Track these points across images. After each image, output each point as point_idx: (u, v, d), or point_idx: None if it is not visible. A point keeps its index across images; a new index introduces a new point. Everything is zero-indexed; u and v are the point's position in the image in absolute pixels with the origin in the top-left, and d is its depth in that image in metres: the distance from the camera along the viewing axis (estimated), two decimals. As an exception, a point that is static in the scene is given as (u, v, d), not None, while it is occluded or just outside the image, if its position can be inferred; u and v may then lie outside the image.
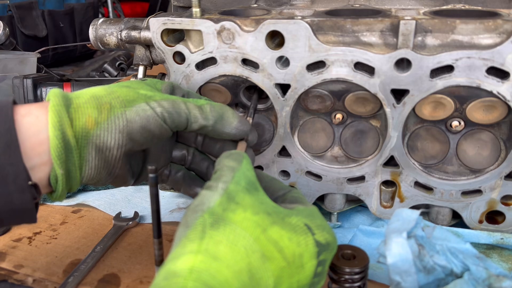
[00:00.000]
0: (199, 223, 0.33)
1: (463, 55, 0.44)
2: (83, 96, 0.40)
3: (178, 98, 0.43)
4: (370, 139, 0.53)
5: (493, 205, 0.51)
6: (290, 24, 0.47)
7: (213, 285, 0.29)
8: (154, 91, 0.43)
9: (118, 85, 0.43)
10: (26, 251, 0.54)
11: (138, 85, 0.44)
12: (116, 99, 0.40)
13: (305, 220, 0.37)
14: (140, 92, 0.42)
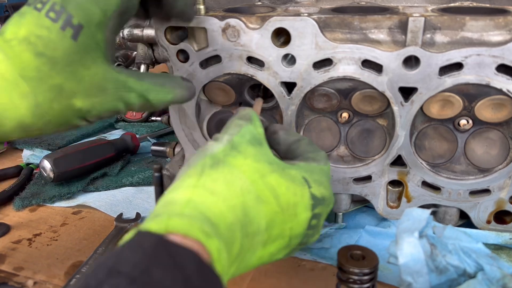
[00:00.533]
0: (199, 164, 0.34)
1: (472, 52, 0.43)
2: (9, 124, 0.36)
3: (121, 99, 0.39)
4: (376, 138, 0.52)
5: (501, 205, 0.50)
6: (297, 21, 0.46)
7: (209, 215, 0.30)
8: (98, 83, 0.38)
9: (49, 97, 0.36)
10: (26, 253, 0.53)
11: (76, 82, 0.37)
12: (47, 124, 0.37)
13: (304, 173, 0.38)
14: (76, 106, 0.37)
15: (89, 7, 0.36)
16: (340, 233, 0.56)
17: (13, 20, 0.36)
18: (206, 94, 0.56)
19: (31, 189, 0.67)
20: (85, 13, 0.35)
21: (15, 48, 0.35)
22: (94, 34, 0.36)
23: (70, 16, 0.35)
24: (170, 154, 0.64)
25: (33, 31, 0.35)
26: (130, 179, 0.69)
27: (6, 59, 0.35)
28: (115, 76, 0.38)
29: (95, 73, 0.37)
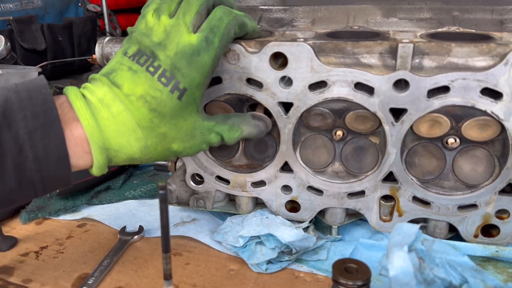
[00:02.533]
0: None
1: (458, 76, 0.46)
2: (121, 157, 0.46)
3: (204, 142, 0.50)
4: (369, 155, 0.55)
5: (488, 219, 0.53)
6: (293, 46, 0.49)
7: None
8: (190, 131, 0.48)
9: (156, 142, 0.46)
10: (33, 266, 0.55)
11: (176, 131, 0.47)
12: (149, 160, 0.47)
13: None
14: (173, 149, 0.47)
15: (193, 75, 0.45)
16: (336, 245, 0.58)
17: (127, 76, 0.45)
18: (207, 113, 0.58)
19: (37, 202, 0.69)
20: (189, 80, 0.45)
21: (134, 103, 0.44)
22: (194, 94, 0.46)
23: (178, 82, 0.44)
24: (171, 168, 0.67)
25: (148, 91, 0.44)
26: (132, 192, 0.71)
27: (127, 111, 0.44)
28: (202, 124, 0.48)
29: (190, 123, 0.47)
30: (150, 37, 0.45)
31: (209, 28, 0.45)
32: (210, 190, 0.62)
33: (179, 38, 0.44)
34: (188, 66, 0.44)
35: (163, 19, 0.46)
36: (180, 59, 0.44)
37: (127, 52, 0.46)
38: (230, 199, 0.64)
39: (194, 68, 0.45)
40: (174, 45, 0.44)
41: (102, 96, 0.44)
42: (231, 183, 0.60)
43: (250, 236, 0.55)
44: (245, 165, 0.60)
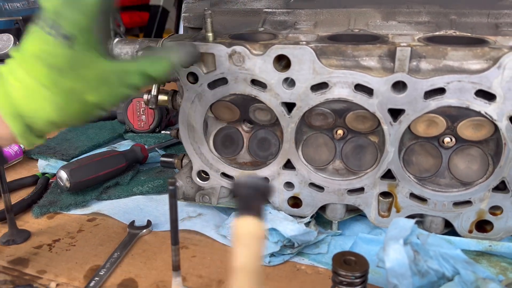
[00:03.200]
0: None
1: (454, 79, 0.48)
2: (40, 122, 0.44)
3: (124, 85, 0.46)
4: (369, 153, 0.57)
5: (482, 215, 0.55)
6: (296, 49, 0.52)
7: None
8: (101, 77, 0.45)
9: (66, 98, 0.44)
10: (47, 258, 0.58)
11: (83, 82, 0.44)
12: (70, 119, 0.45)
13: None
14: (89, 101, 0.44)
15: (76, 17, 0.42)
16: (336, 239, 0.61)
17: (26, 38, 0.44)
18: (213, 112, 0.61)
19: (48, 197, 0.71)
20: (73, 24, 0.42)
21: (29, 63, 0.43)
22: (87, 39, 0.43)
23: (63, 29, 0.42)
24: (178, 165, 0.69)
25: (39, 46, 0.43)
26: (140, 188, 0.74)
27: (25, 72, 0.43)
28: (113, 67, 0.45)
29: (96, 69, 0.44)
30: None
31: None
32: (216, 186, 0.64)
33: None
34: (70, 10, 0.42)
35: None
36: (63, 5, 0.42)
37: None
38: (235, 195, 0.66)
39: (76, 10, 0.42)
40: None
41: (11, 64, 0.43)
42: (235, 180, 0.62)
43: (254, 230, 0.58)
44: (249, 163, 0.62)
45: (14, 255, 0.58)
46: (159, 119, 0.95)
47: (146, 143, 0.91)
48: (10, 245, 0.61)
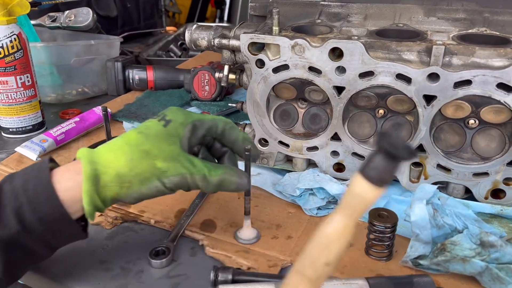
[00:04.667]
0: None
1: (479, 73, 0.59)
2: (110, 173, 0.50)
3: (188, 170, 0.52)
4: (405, 130, 0.69)
5: (497, 185, 0.67)
6: (349, 43, 0.63)
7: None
8: (174, 155, 0.53)
9: (140, 156, 0.51)
10: (144, 202, 0.74)
11: (159, 151, 0.52)
12: (136, 176, 0.51)
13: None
14: (157, 165, 0.51)
15: (178, 114, 0.56)
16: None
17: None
18: (274, 91, 0.74)
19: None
20: (175, 116, 0.56)
21: (128, 132, 0.54)
22: (177, 128, 0.55)
23: (165, 115, 0.56)
24: (242, 132, 0.83)
25: (143, 124, 0.56)
26: (208, 149, 0.89)
27: (121, 138, 0.53)
28: (187, 155, 0.54)
29: (172, 149, 0.53)
30: None
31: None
32: (273, 152, 0.78)
33: None
34: (179, 111, 0.57)
35: None
36: (175, 109, 0.57)
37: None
38: (288, 159, 0.81)
39: (184, 113, 0.57)
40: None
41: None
42: (290, 147, 0.76)
43: (304, 188, 0.72)
44: (302, 134, 0.76)
45: (117, 198, 0.76)
46: (219, 90, 1.10)
47: (210, 110, 1.05)
48: (113, 190, 0.78)
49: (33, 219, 0.48)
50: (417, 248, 0.57)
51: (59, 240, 0.53)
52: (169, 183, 0.52)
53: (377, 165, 0.25)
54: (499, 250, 0.52)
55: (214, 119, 0.59)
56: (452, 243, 0.54)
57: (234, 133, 0.60)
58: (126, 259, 0.61)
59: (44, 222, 0.48)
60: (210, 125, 0.58)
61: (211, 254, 0.62)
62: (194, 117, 0.58)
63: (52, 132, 0.90)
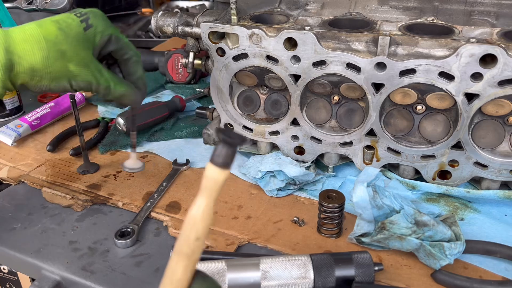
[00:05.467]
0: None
1: (422, 62, 0.62)
2: (24, 65, 0.52)
3: (94, 76, 0.57)
4: (357, 115, 0.73)
5: (443, 166, 0.71)
6: (302, 33, 0.66)
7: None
8: (86, 61, 0.57)
9: (55, 56, 0.54)
10: (114, 184, 0.79)
11: (74, 54, 0.55)
12: (48, 74, 0.54)
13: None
14: (70, 68, 0.55)
15: (101, 22, 0.58)
16: (330, 180, 0.78)
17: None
18: (237, 78, 0.77)
19: (109, 138, 0.91)
20: (97, 22, 0.58)
21: (46, 22, 0.55)
22: (95, 35, 0.58)
23: (88, 18, 0.57)
24: (209, 117, 0.87)
25: (63, 17, 0.57)
26: (180, 132, 0.92)
27: (39, 27, 0.54)
28: (97, 64, 0.58)
29: (86, 55, 0.57)
30: None
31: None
32: (238, 135, 0.82)
33: None
34: (102, 18, 0.59)
35: None
36: (100, 14, 0.60)
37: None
38: (253, 143, 0.84)
39: (106, 22, 0.59)
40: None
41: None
42: (254, 132, 0.79)
43: (266, 171, 0.76)
44: (264, 119, 0.79)
45: (89, 182, 0.79)
46: (194, 73, 1.12)
47: (184, 94, 1.08)
48: (85, 174, 0.81)
49: None
50: (362, 226, 0.62)
51: None
52: (76, 86, 0.57)
53: (220, 152, 0.32)
54: (431, 229, 0.56)
55: (128, 44, 0.63)
56: (390, 222, 0.58)
57: (136, 66, 0.65)
58: (93, 239, 0.66)
59: None
60: (123, 46, 0.62)
61: (174, 234, 0.67)
62: (113, 31, 0.61)
63: (28, 118, 0.93)
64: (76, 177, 0.80)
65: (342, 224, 0.65)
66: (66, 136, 0.92)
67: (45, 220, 0.70)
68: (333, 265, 0.54)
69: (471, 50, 0.59)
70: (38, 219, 0.70)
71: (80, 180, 0.80)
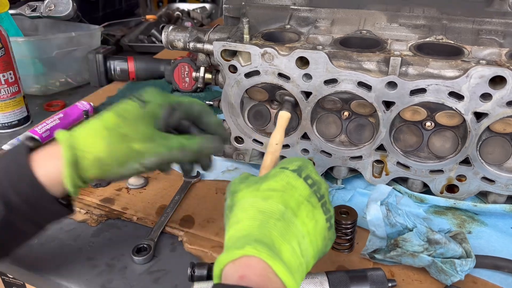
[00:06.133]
0: (226, 216, 0.51)
1: (433, 82, 0.63)
2: (89, 158, 0.52)
3: (166, 147, 0.54)
4: (367, 131, 0.74)
5: (451, 181, 0.73)
6: (314, 53, 0.67)
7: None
8: (150, 135, 0.54)
9: (117, 140, 0.53)
10: (127, 198, 0.80)
11: (136, 133, 0.54)
12: (115, 160, 0.53)
13: (279, 166, 0.52)
14: (135, 148, 0.53)
15: (156, 96, 0.57)
16: (339, 192, 0.80)
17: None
18: (248, 93, 0.78)
19: (120, 150, 0.92)
20: (152, 97, 0.57)
21: (106, 114, 0.55)
22: (154, 109, 0.56)
23: (143, 97, 0.57)
24: (219, 129, 0.88)
25: (120, 105, 0.56)
26: (188, 144, 0.93)
27: (99, 120, 0.54)
28: (162, 134, 0.56)
29: (148, 129, 0.55)
30: None
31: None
32: (248, 148, 0.83)
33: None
34: (157, 93, 0.58)
35: None
36: (151, 87, 0.59)
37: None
38: (263, 155, 0.85)
39: (162, 95, 0.58)
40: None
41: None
42: (264, 145, 0.81)
43: (277, 184, 0.77)
44: (275, 132, 0.80)
45: (102, 196, 0.81)
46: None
47: (190, 102, 1.09)
48: (98, 187, 0.82)
49: (18, 201, 0.50)
50: (374, 242, 0.64)
51: (45, 218, 0.55)
52: (147, 163, 0.54)
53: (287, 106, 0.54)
54: (443, 247, 0.58)
55: (191, 102, 0.62)
56: (403, 239, 0.60)
57: (209, 117, 0.63)
58: (111, 255, 0.67)
59: (29, 203, 0.51)
60: (187, 107, 0.61)
61: (189, 249, 0.68)
62: (171, 98, 0.60)
63: (38, 130, 0.94)
64: (89, 191, 0.81)
65: (354, 239, 0.67)
66: (76, 148, 0.93)
67: (61, 236, 0.71)
68: (349, 283, 0.56)
69: (481, 72, 0.60)
70: (55, 235, 0.71)
71: (93, 194, 0.81)
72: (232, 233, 0.46)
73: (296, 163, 0.52)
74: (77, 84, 1.27)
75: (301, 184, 0.49)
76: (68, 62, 1.21)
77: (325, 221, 0.50)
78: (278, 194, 0.48)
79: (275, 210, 0.46)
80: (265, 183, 0.49)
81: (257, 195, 0.48)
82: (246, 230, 0.45)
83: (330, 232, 0.51)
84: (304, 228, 0.47)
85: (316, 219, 0.48)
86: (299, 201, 0.48)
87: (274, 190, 0.48)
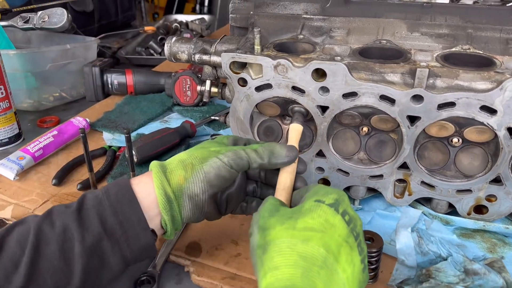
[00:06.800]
0: (258, 257, 0.45)
1: (463, 95, 0.58)
2: (173, 162, 0.55)
3: (239, 148, 0.56)
4: (389, 148, 0.69)
5: (479, 201, 0.67)
6: (332, 65, 0.62)
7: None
8: (222, 146, 0.58)
9: (195, 147, 0.58)
10: (127, 223, 0.73)
11: (209, 144, 0.58)
12: (195, 159, 0.55)
13: (314, 198, 0.47)
14: (211, 149, 0.56)
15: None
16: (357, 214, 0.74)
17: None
18: (258, 108, 0.72)
19: (118, 169, 0.86)
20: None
21: (188, 152, 0.58)
22: (222, 140, 0.60)
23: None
24: (225, 146, 0.82)
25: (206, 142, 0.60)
26: (192, 162, 0.87)
27: (184, 154, 0.57)
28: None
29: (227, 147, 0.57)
30: None
31: None
32: (258, 167, 0.77)
33: None
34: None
35: None
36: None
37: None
38: (273, 173, 0.80)
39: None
40: None
41: None
42: (275, 163, 0.75)
43: (290, 205, 0.72)
44: (287, 150, 0.75)
45: (100, 219, 0.74)
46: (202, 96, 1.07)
47: (193, 117, 1.03)
48: (95, 210, 0.76)
49: (114, 222, 0.50)
50: (402, 271, 0.58)
51: (132, 251, 0.53)
52: (225, 158, 0.54)
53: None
54: (482, 278, 0.52)
55: (257, 148, 0.57)
56: (436, 269, 0.54)
57: (271, 147, 0.58)
58: (111, 289, 0.61)
59: (123, 225, 0.51)
60: (260, 163, 0.56)
61: (197, 282, 0.62)
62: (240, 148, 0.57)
63: (30, 148, 0.87)
64: (85, 215, 0.75)
65: (378, 268, 0.61)
66: (71, 168, 0.86)
67: (55, 267, 0.64)
68: (380, 321, 0.50)
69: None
70: (48, 266, 0.64)
71: (90, 218, 0.74)
72: (271, 281, 0.41)
73: (332, 196, 0.47)
74: (72, 99, 1.21)
75: (340, 222, 0.45)
76: (62, 76, 1.15)
77: (360, 263, 0.44)
78: (318, 236, 0.43)
79: (316, 255, 0.42)
80: (301, 220, 0.45)
81: (295, 235, 0.43)
82: (289, 279, 0.40)
83: (364, 274, 0.45)
84: (344, 275, 0.42)
85: (353, 262, 0.43)
86: (338, 243, 0.43)
87: (313, 230, 0.43)
